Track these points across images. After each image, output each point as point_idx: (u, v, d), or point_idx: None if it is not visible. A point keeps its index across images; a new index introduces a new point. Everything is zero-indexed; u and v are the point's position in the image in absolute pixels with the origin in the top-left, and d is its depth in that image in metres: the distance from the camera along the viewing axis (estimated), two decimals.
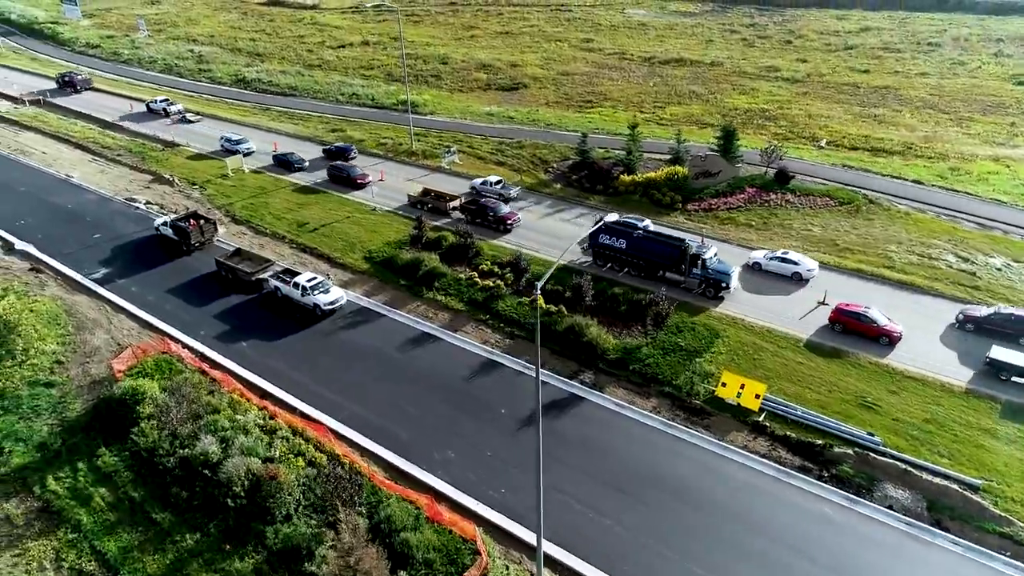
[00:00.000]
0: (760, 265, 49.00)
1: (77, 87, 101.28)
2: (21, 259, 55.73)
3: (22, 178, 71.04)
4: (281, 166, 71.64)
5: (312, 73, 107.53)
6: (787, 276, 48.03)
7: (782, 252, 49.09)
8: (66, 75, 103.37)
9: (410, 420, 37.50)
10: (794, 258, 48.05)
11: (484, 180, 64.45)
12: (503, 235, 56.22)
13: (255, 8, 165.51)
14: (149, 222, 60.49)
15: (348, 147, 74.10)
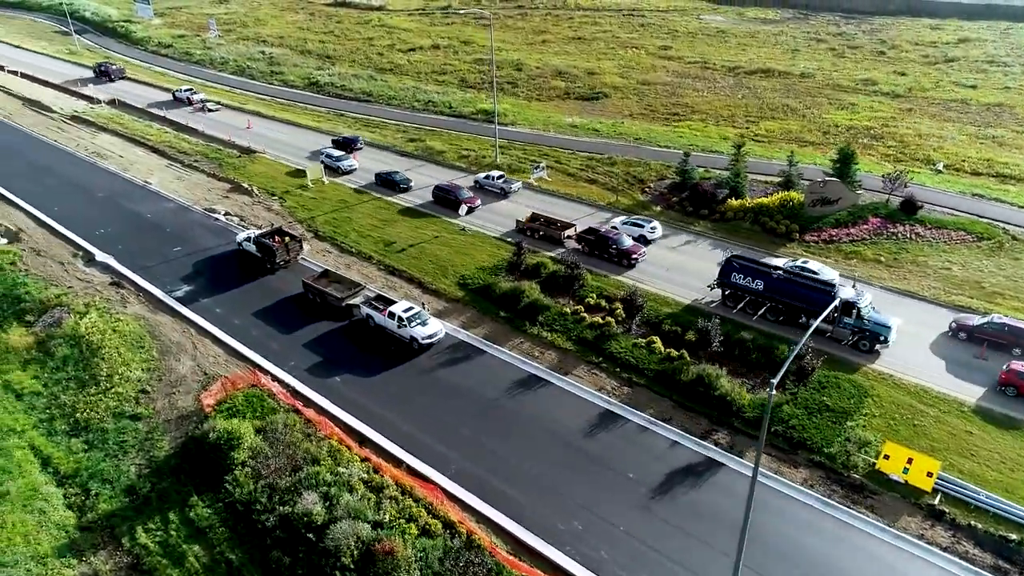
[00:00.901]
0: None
1: (111, 76, 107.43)
2: (102, 272, 53.67)
3: (101, 183, 69.56)
4: (385, 186, 66.36)
5: (384, 78, 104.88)
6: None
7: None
8: (102, 65, 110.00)
9: (526, 480, 33.59)
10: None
11: (487, 174, 66.54)
12: (626, 271, 51.20)
13: (322, 9, 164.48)
14: (230, 235, 58.02)
15: (355, 137, 78.09)
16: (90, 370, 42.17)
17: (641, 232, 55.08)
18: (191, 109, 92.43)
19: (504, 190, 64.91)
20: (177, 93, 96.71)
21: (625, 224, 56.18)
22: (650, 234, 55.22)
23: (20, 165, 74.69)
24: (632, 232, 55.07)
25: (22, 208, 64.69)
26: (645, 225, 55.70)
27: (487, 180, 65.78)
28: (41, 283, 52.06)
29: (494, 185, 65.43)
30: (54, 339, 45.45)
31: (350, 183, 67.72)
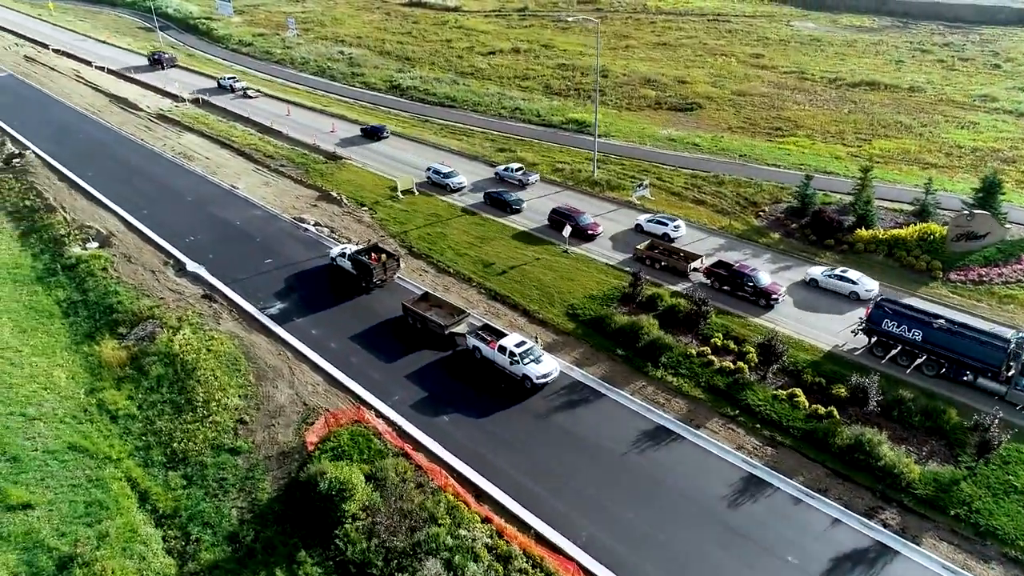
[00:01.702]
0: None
1: (164, 64, 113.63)
2: (193, 283, 51.79)
3: (188, 187, 68.27)
4: (495, 206, 61.62)
5: (467, 82, 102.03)
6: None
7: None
8: (155, 54, 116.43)
9: (670, 558, 29.67)
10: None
11: (507, 167, 67.99)
12: (765, 311, 46.06)
13: (397, 8, 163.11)
14: (321, 248, 55.64)
15: (382, 127, 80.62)
16: (186, 393, 39.95)
17: (665, 230, 55.14)
18: (232, 96, 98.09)
19: (522, 182, 66.31)
20: (221, 81, 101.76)
21: (650, 222, 56.40)
22: (673, 232, 55.16)
23: (110, 164, 74.20)
24: (656, 230, 55.53)
25: (112, 210, 63.68)
26: (669, 224, 55.56)
27: (506, 172, 67.36)
28: (132, 292, 50.48)
29: (512, 177, 66.75)
30: (148, 356, 43.55)
31: (456, 200, 63.91)
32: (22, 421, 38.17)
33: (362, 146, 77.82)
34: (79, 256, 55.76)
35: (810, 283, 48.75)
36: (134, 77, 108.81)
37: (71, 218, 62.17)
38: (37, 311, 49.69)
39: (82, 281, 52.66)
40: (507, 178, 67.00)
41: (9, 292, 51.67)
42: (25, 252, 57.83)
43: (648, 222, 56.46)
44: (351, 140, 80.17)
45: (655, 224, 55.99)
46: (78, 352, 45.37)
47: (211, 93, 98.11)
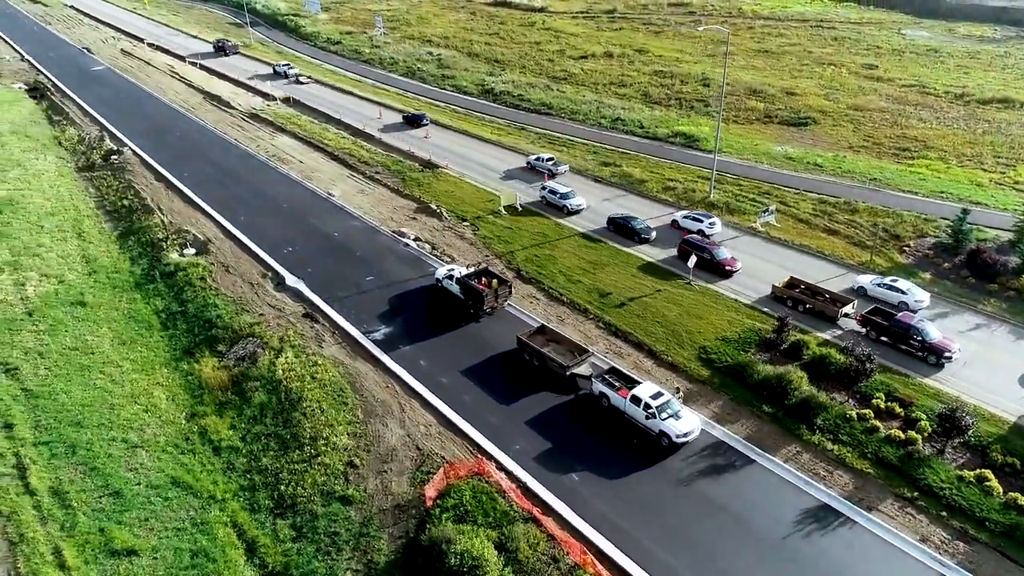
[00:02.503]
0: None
1: (227, 52, 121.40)
2: (293, 300, 49.31)
3: (284, 192, 66.36)
4: (620, 233, 56.32)
5: (561, 88, 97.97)
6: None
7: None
8: (219, 42, 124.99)
9: None
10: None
11: (538, 156, 70.40)
12: (935, 371, 40.09)
13: (482, 8, 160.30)
14: (423, 266, 52.55)
15: (421, 115, 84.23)
16: (291, 427, 37.18)
17: (700, 227, 55.50)
18: (286, 81, 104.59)
19: (552, 172, 68.37)
20: (277, 67, 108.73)
21: (686, 219, 56.95)
22: (708, 229, 55.42)
23: (205, 165, 73.15)
24: (692, 227, 55.98)
25: (209, 214, 62.16)
26: (704, 220, 55.98)
27: (538, 161, 69.83)
28: (232, 306, 48.32)
29: (543, 167, 69.01)
30: (250, 380, 41.06)
31: (572, 224, 59.09)
32: (124, 449, 36.04)
33: (460, 155, 74.60)
34: (177, 263, 54.14)
35: (858, 291, 47.41)
36: (226, 74, 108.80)
37: (168, 221, 60.86)
38: (136, 321, 48.05)
39: (180, 290, 50.90)
40: (538, 167, 69.26)
41: (109, 299, 50.26)
42: (124, 255, 56.64)
43: (684, 218, 57.16)
44: (446, 148, 77.12)
45: (690, 220, 56.58)
46: (177, 369, 43.32)
47: (267, 79, 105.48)
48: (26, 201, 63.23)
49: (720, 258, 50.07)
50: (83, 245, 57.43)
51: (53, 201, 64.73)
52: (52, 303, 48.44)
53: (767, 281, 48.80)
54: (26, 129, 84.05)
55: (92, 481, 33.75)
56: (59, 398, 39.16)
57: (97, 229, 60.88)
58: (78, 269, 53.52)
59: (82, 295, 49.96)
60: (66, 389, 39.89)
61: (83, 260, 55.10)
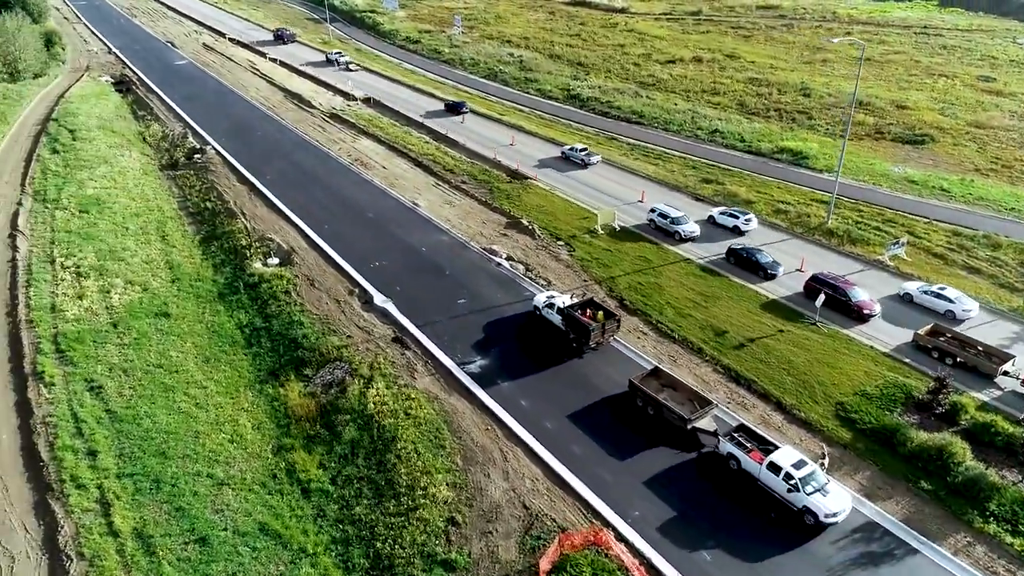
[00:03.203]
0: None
1: (285, 40, 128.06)
2: (382, 321, 46.33)
3: (368, 200, 63.76)
4: (741, 266, 51.06)
5: (650, 95, 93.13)
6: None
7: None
8: (279, 30, 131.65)
9: None
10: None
11: (571, 147, 72.14)
12: None
13: (561, 8, 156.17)
14: (517, 289, 48.99)
15: (461, 103, 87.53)
16: (385, 472, 34.05)
17: (736, 223, 55.76)
18: (335, 68, 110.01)
19: (584, 162, 70.36)
20: (329, 55, 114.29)
21: (723, 215, 57.03)
22: (744, 226, 55.57)
23: (287, 167, 71.31)
24: (728, 223, 56.19)
25: (292, 221, 59.95)
26: (740, 217, 56.12)
27: (571, 151, 71.67)
28: (318, 325, 45.66)
29: (576, 156, 70.94)
30: (339, 412, 38.19)
31: (683, 252, 54.15)
32: (210, 486, 33.50)
33: (555, 168, 70.77)
34: (261, 274, 51.95)
35: (903, 297, 46.50)
36: (306, 71, 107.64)
37: (251, 227, 58.90)
38: (220, 336, 45.87)
39: (264, 304, 48.59)
40: (571, 157, 71.10)
41: (193, 310, 48.30)
42: (206, 262, 54.81)
43: (720, 214, 57.23)
44: (543, 162, 73.44)
45: (727, 217, 56.69)
46: (262, 393, 40.79)
47: (318, 66, 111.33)
48: (112, 200, 62.26)
49: (856, 300, 44.77)
50: (166, 249, 55.89)
51: (138, 201, 63.66)
52: (136, 313, 46.69)
53: (904, 325, 43.51)
54: (112, 124, 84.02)
55: (178, 524, 31.25)
56: (143, 422, 36.97)
57: (180, 232, 59.39)
58: (162, 276, 51.84)
59: (166, 305, 48.14)
60: (150, 412, 37.70)
61: (166, 266, 53.48)
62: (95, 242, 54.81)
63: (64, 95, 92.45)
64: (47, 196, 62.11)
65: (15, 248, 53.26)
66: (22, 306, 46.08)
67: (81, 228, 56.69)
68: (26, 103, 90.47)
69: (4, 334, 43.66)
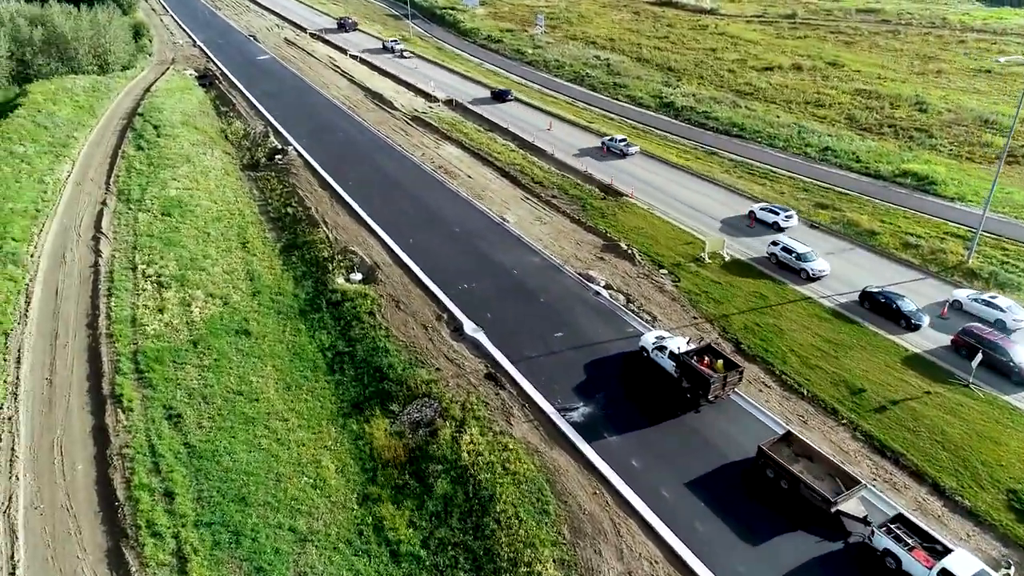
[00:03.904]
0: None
1: (347, 28, 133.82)
2: (473, 353, 42.66)
3: (453, 213, 60.31)
4: (877, 311, 44.92)
5: (749, 105, 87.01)
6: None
7: None
8: (342, 19, 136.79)
9: None
10: None
11: (612, 137, 73.56)
12: None
13: (647, 8, 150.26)
14: (619, 323, 44.66)
15: (507, 91, 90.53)
16: (484, 539, 30.33)
17: (776, 220, 55.64)
18: (391, 56, 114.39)
19: (623, 152, 71.59)
20: (386, 43, 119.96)
21: (763, 211, 56.91)
22: (784, 222, 55.41)
23: (369, 173, 68.63)
24: (768, 219, 56.15)
25: (376, 233, 57.00)
26: (780, 213, 56.00)
27: (611, 141, 73.02)
28: (404, 354, 42.34)
29: (616, 146, 72.33)
30: (430, 459, 34.76)
31: (808, 291, 48.43)
32: (293, 542, 30.44)
33: (644, 181, 65.99)
34: (344, 291, 49.05)
35: (953, 304, 45.21)
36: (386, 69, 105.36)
37: (334, 237, 56.18)
38: (301, 359, 43.05)
39: (348, 325, 45.60)
40: (611, 147, 72.45)
41: (274, 328, 45.65)
42: (287, 274, 52.26)
43: (761, 210, 57.18)
44: (627, 171, 68.80)
45: (767, 212, 56.69)
46: (345, 428, 37.69)
47: (375, 53, 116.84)
48: (194, 203, 60.53)
49: (1019, 361, 38.65)
50: (247, 259, 53.63)
51: (219, 204, 61.83)
52: (216, 330, 44.28)
53: None
54: (195, 120, 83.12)
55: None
56: (223, 460, 34.23)
57: (260, 239, 57.16)
58: (242, 288, 49.46)
59: (246, 321, 45.65)
60: (230, 448, 34.95)
61: (247, 277, 51.14)
62: (176, 248, 52.90)
63: (150, 89, 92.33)
64: (131, 196, 60.82)
65: (98, 252, 51.74)
66: (103, 317, 44.25)
67: (163, 232, 54.93)
68: (114, 96, 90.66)
69: (84, 348, 41.76)
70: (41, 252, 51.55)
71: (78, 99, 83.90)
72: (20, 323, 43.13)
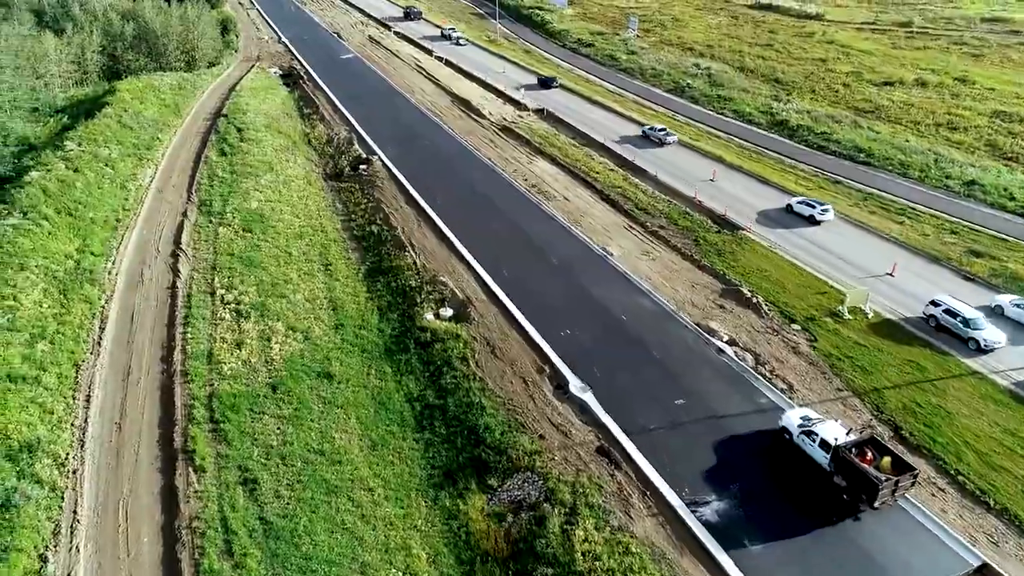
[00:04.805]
0: None
1: (412, 18, 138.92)
2: (580, 418, 37.26)
3: (552, 242, 55.01)
4: None
5: (873, 126, 78.52)
6: None
7: None
8: (408, 8, 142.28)
9: None
10: None
11: (651, 126, 75.04)
12: None
13: (744, 11, 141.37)
14: (749, 391, 38.59)
15: (552, 78, 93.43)
16: None
17: (811, 212, 55.95)
18: (449, 42, 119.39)
19: (662, 140, 72.59)
20: (444, 30, 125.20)
21: (800, 203, 57.30)
22: (820, 215, 55.62)
23: (459, 190, 64.04)
24: (803, 211, 56.62)
25: (466, 261, 52.16)
26: (817, 207, 56.18)
27: (651, 131, 74.40)
28: (502, 413, 37.33)
29: (655, 135, 73.62)
30: (537, 558, 29.61)
31: (979, 366, 40.58)
32: None
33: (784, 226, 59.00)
34: (434, 329, 44.32)
35: (995, 309, 43.80)
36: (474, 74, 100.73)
37: (421, 264, 51.64)
38: (387, 410, 38.56)
39: (438, 372, 40.87)
40: (651, 136, 74.04)
41: (357, 369, 41.35)
42: (371, 303, 47.98)
43: (798, 203, 57.85)
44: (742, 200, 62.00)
45: (804, 206, 57.26)
46: (437, 503, 32.95)
47: (434, 40, 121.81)
48: (275, 217, 57.08)
49: None
50: (330, 283, 49.63)
51: (301, 218, 58.24)
52: (297, 371, 40.22)
53: None
54: (279, 122, 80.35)
55: None
56: (302, 543, 29.88)
57: (343, 260, 53.18)
58: (324, 320, 45.38)
59: (328, 361, 41.47)
60: (310, 528, 30.58)
61: (329, 306, 47.12)
62: (257, 271, 49.29)
63: (235, 87, 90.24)
64: (212, 208, 57.81)
65: (176, 272, 48.56)
66: (178, 350, 40.67)
67: (244, 251, 51.49)
68: (199, 94, 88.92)
69: (157, 387, 38.27)
70: (119, 269, 48.71)
71: (164, 97, 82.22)
72: (93, 353, 39.97)
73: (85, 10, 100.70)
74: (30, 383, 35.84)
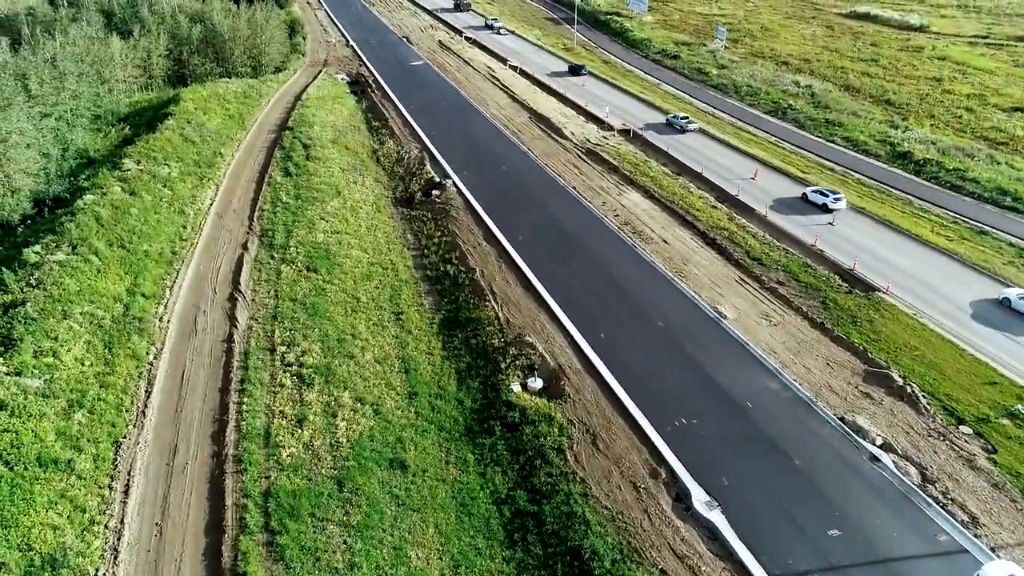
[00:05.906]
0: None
1: (461, 8, 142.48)
2: (708, 545, 30.04)
3: (654, 298, 47.83)
4: None
5: (1012, 161, 68.67)
6: None
7: None
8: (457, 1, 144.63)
9: None
10: None
11: (675, 114, 78.25)
12: None
13: (839, 20, 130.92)
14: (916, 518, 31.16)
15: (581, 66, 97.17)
16: None
17: (825, 201, 57.04)
18: (490, 32, 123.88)
19: (684, 128, 75.29)
20: (487, 21, 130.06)
21: (814, 192, 58.42)
22: (833, 204, 56.63)
23: (542, 226, 57.44)
24: (817, 200, 57.58)
25: (556, 317, 45.45)
26: (830, 196, 57.31)
27: (674, 119, 76.63)
28: (611, 533, 30.81)
29: (677, 122, 76.12)
30: None
31: None
32: None
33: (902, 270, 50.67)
34: (522, 406, 37.73)
35: (1003, 302, 43.70)
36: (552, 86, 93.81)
37: (504, 318, 45.13)
38: (471, 515, 32.27)
39: (530, 465, 34.37)
40: (674, 124, 76.36)
41: (434, 455, 35.18)
42: (449, 364, 41.74)
43: (812, 192, 58.68)
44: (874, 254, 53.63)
45: (817, 195, 58.12)
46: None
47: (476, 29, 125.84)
48: (343, 253, 51.46)
49: None
50: (402, 338, 43.62)
51: (370, 253, 52.55)
52: (365, 459, 34.20)
53: None
54: (346, 136, 75.10)
55: None
56: None
57: (416, 308, 47.14)
58: (396, 387, 39.35)
59: (401, 444, 35.41)
60: None
61: (402, 368, 41.17)
62: (321, 321, 43.55)
63: (301, 95, 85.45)
64: (274, 240, 52.54)
65: (234, 321, 43.16)
66: (231, 427, 34.98)
67: (307, 297, 45.85)
68: (264, 103, 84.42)
69: (206, 475, 32.71)
70: (171, 314, 43.55)
71: (228, 107, 77.84)
72: (136, 426, 34.66)
73: (154, 11, 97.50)
74: (62, 469, 30.66)
